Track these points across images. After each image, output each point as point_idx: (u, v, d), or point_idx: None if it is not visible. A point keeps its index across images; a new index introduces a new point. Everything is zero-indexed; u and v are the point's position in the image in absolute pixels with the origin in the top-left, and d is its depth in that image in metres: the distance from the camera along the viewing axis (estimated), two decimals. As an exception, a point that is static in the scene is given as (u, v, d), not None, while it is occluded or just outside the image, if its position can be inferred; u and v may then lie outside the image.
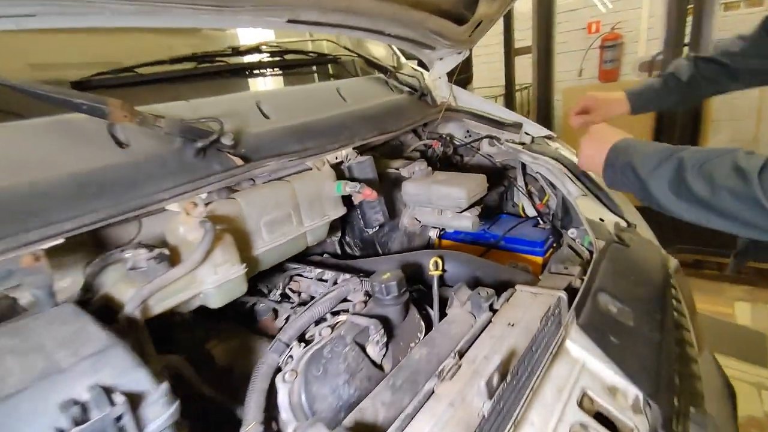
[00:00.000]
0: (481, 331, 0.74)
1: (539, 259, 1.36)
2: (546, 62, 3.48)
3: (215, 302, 0.71)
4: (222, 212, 0.76)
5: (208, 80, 0.95)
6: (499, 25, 3.77)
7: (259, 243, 0.83)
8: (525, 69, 3.92)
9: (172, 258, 0.70)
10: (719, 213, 0.64)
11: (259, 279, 1.06)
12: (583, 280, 0.91)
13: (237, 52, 1.00)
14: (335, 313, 0.88)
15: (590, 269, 0.84)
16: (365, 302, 0.86)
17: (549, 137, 1.54)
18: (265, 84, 1.09)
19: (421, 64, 1.76)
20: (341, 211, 1.02)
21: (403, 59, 1.87)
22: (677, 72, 1.11)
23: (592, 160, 0.87)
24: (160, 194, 0.68)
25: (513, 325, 0.74)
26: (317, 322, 0.85)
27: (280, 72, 1.15)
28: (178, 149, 0.76)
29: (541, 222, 1.50)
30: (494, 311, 0.82)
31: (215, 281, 0.69)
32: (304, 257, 1.16)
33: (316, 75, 1.31)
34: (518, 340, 0.70)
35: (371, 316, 0.78)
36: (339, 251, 1.27)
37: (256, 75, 1.07)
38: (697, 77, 1.08)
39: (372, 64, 1.42)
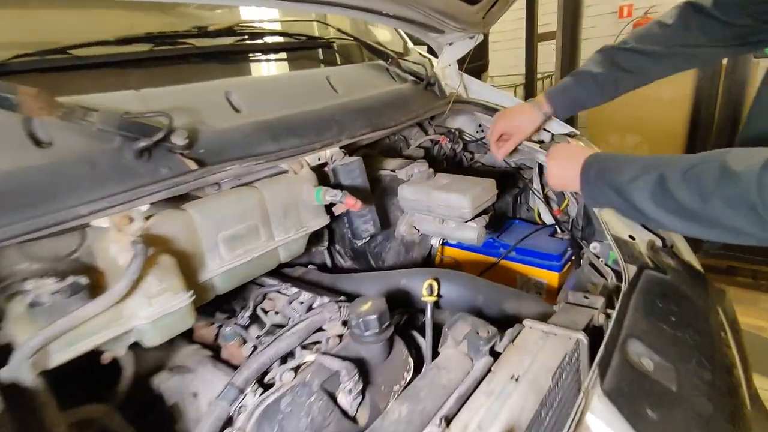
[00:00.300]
0: (478, 385, 0.60)
1: (555, 276, 1.19)
2: (571, 49, 3.22)
3: (151, 340, 0.58)
4: (165, 228, 0.63)
5: (168, 66, 0.81)
6: (520, 8, 3.50)
7: (216, 263, 0.70)
8: (548, 56, 3.66)
9: (101, 285, 0.58)
10: (710, 222, 0.60)
11: (232, 293, 0.93)
12: (607, 315, 0.76)
13: (205, 33, 0.86)
14: (308, 346, 0.75)
15: (618, 306, 0.68)
16: (341, 336, 0.73)
17: (571, 135, 1.35)
18: (240, 71, 0.94)
19: (431, 50, 1.59)
20: (323, 221, 0.88)
21: (410, 44, 1.69)
22: (589, 68, 1.03)
23: (567, 180, 0.83)
24: (84, 206, 0.55)
25: (517, 380, 0.59)
26: (284, 358, 0.72)
27: (259, 58, 1.01)
28: (116, 150, 0.63)
29: (558, 231, 1.33)
30: (496, 354, 0.67)
31: (150, 315, 0.56)
32: (284, 269, 1.03)
33: (304, 61, 1.16)
34: (523, 403, 0.55)
35: (345, 358, 0.65)
36: (329, 262, 1.13)
37: (229, 61, 0.93)
38: (615, 70, 1.00)
39: (372, 50, 1.26)
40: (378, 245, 1.10)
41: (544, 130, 1.36)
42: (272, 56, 1.07)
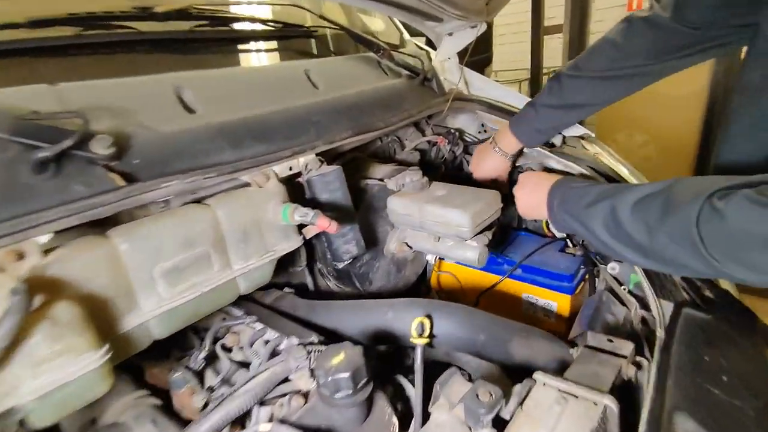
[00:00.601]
0: (478, 473, 0.46)
1: (567, 299, 1.05)
2: (579, 43, 3.06)
3: (42, 420, 0.44)
4: (74, 264, 0.49)
5: (101, 55, 0.67)
6: None
7: (151, 303, 0.56)
8: (555, 50, 3.49)
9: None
10: (660, 257, 0.58)
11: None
12: (638, 365, 0.61)
13: (151, 14, 0.71)
14: (269, 401, 0.61)
15: (657, 364, 0.54)
16: (306, 396, 0.59)
17: (585, 137, 1.20)
18: (197, 63, 0.79)
19: (430, 42, 1.44)
20: (293, 243, 0.73)
21: (406, 35, 1.54)
22: (544, 100, 0.99)
23: (535, 208, 0.83)
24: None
25: (530, 469, 0.45)
26: (241, 419, 0.58)
27: (222, 47, 0.85)
28: (9, 161, 0.48)
29: (570, 245, 1.19)
30: (501, 422, 0.53)
31: (38, 389, 0.42)
32: (255, 293, 0.89)
33: (279, 53, 1.01)
34: None
35: (308, 428, 0.51)
36: (311, 283, 0.98)
37: (183, 50, 0.78)
38: (569, 97, 0.95)
39: (360, 40, 1.11)
40: (364, 265, 0.95)
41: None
42: (239, 46, 0.92)
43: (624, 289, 0.84)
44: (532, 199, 0.83)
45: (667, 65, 0.87)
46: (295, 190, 0.80)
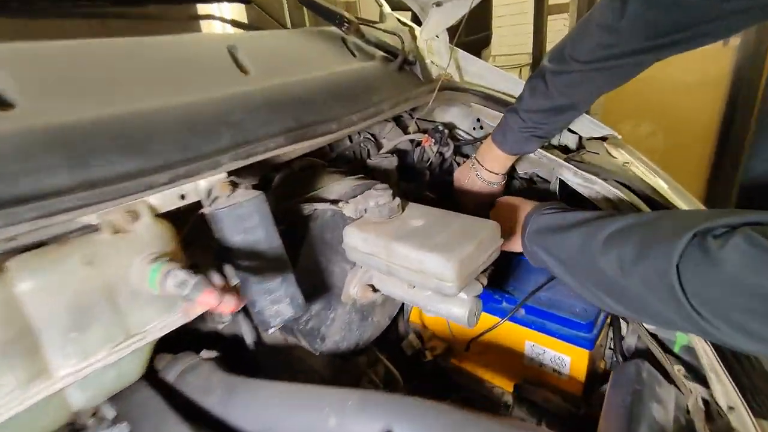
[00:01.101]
0: None
1: (584, 355, 0.80)
2: (587, 24, 2.76)
3: None
4: None
5: None
6: (529, -25, 3.03)
7: None
8: (559, 33, 3.20)
9: None
10: (634, 304, 0.51)
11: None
12: None
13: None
14: None
15: None
16: None
17: (608, 139, 0.95)
18: (34, 31, 0.52)
19: (416, 18, 1.17)
20: (177, 319, 0.47)
21: (387, 8, 1.26)
22: (529, 104, 0.81)
23: (510, 240, 0.75)
24: None
25: None
26: None
27: (95, 7, 0.57)
28: None
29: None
30: None
31: None
32: (156, 357, 0.63)
33: (193, 21, 0.73)
34: None
35: None
36: (250, 335, 0.72)
37: (14, 11, 0.50)
38: (561, 97, 0.77)
39: (315, 8, 0.83)
40: (312, 318, 0.70)
41: (570, 131, 0.96)
42: (121, 8, 0.63)
43: (678, 371, 0.59)
44: (506, 230, 0.71)
45: (674, 47, 0.68)
46: (202, 227, 0.54)
